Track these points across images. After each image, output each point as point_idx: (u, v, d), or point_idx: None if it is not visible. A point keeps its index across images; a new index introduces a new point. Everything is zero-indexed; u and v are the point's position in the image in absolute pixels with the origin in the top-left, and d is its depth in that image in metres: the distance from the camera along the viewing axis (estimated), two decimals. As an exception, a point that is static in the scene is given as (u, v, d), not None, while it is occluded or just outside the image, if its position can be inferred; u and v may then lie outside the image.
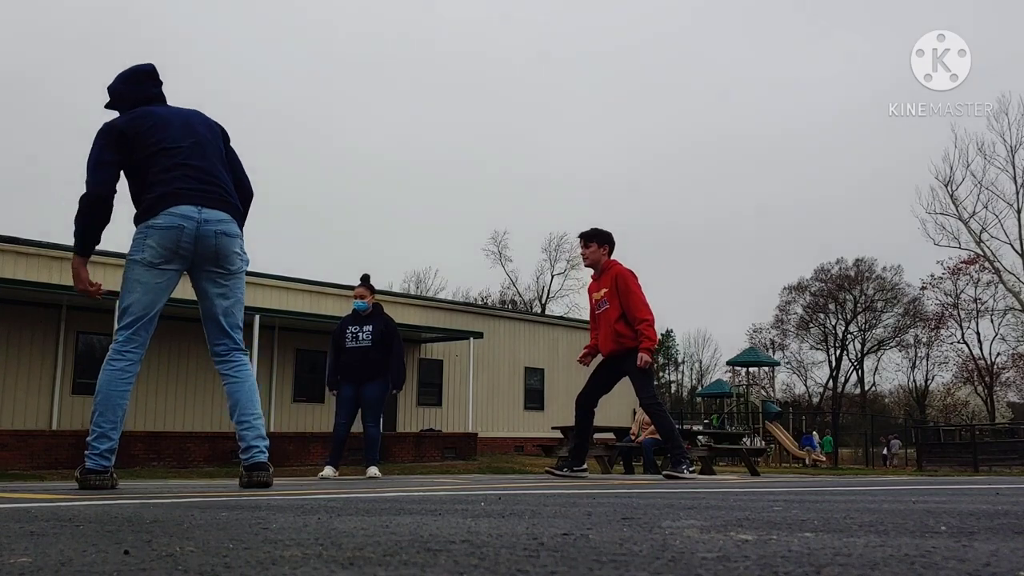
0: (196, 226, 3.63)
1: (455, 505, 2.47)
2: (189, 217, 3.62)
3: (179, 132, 3.78)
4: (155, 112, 3.85)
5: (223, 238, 3.72)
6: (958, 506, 2.39)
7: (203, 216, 3.65)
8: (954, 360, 49.46)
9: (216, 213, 3.70)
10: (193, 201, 3.65)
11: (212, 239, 3.68)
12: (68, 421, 16.69)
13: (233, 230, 3.78)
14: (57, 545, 1.37)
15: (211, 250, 3.70)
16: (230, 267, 3.80)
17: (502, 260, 53.39)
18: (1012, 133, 30.57)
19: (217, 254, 3.72)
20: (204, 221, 3.65)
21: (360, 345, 7.77)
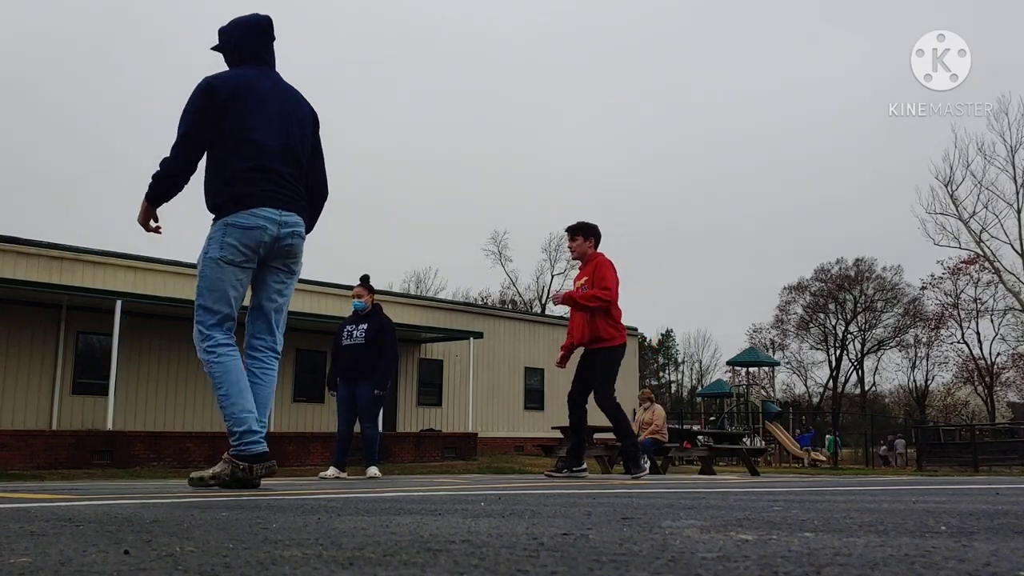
0: (277, 228, 3.66)
1: (455, 505, 2.47)
2: (272, 220, 3.63)
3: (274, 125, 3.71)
4: (259, 86, 3.73)
5: (297, 239, 3.76)
6: (958, 506, 2.39)
7: (283, 219, 3.67)
8: (954, 360, 49.53)
9: (294, 217, 3.73)
10: (275, 204, 3.65)
11: (288, 240, 3.71)
12: (68, 421, 16.69)
13: (303, 233, 3.81)
14: (57, 545, 1.37)
15: (284, 251, 3.73)
16: (295, 268, 3.84)
17: (502, 260, 53.48)
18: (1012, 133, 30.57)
19: (288, 254, 3.76)
20: (283, 224, 3.67)
21: (355, 343, 7.79)
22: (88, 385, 17.01)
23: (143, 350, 17.65)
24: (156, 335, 17.81)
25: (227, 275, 3.61)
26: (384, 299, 23.19)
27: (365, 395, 7.67)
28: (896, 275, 51.14)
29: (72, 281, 16.63)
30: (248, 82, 3.71)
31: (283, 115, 3.75)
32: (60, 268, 16.96)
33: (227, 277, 3.61)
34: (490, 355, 24.53)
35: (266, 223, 3.61)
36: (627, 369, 29.52)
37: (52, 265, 16.94)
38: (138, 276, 18.09)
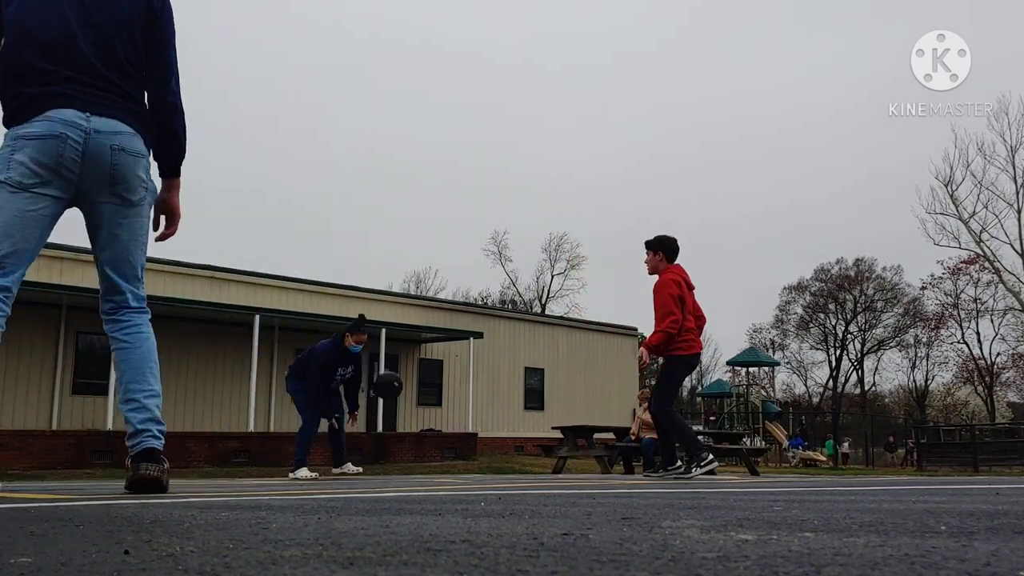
0: (84, 137, 2.77)
1: (455, 505, 2.47)
2: (74, 124, 2.76)
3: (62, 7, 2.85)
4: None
5: (121, 155, 2.83)
6: (958, 506, 2.39)
7: (92, 125, 2.79)
8: (954, 360, 49.54)
9: (111, 123, 2.82)
10: (78, 105, 2.79)
11: (107, 156, 2.81)
12: (68, 421, 16.70)
13: (136, 147, 2.88)
14: (57, 545, 1.37)
15: (105, 172, 2.82)
16: (131, 196, 2.90)
17: (502, 260, 53.42)
18: (1012, 133, 30.56)
19: (113, 177, 2.83)
20: (95, 131, 2.79)
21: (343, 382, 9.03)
22: (88, 385, 17.02)
23: (143, 350, 17.65)
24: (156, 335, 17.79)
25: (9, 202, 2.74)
26: (384, 299, 23.26)
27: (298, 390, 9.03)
28: (896, 275, 51.19)
29: (72, 281, 16.63)
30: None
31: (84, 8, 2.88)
32: (60, 268, 16.96)
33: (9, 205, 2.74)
34: (490, 355, 24.53)
35: (66, 129, 2.75)
36: (627, 369, 29.55)
37: (52, 265, 16.94)
38: (138, 276, 18.08)
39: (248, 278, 20.04)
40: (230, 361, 18.91)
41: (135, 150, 2.87)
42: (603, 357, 28.41)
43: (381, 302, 22.67)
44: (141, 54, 2.96)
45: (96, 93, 2.82)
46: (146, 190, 2.96)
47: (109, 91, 2.85)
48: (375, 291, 23.33)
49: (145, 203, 2.97)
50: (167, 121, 3.00)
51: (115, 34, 2.89)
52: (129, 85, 2.92)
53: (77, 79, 2.81)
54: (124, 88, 2.89)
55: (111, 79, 2.86)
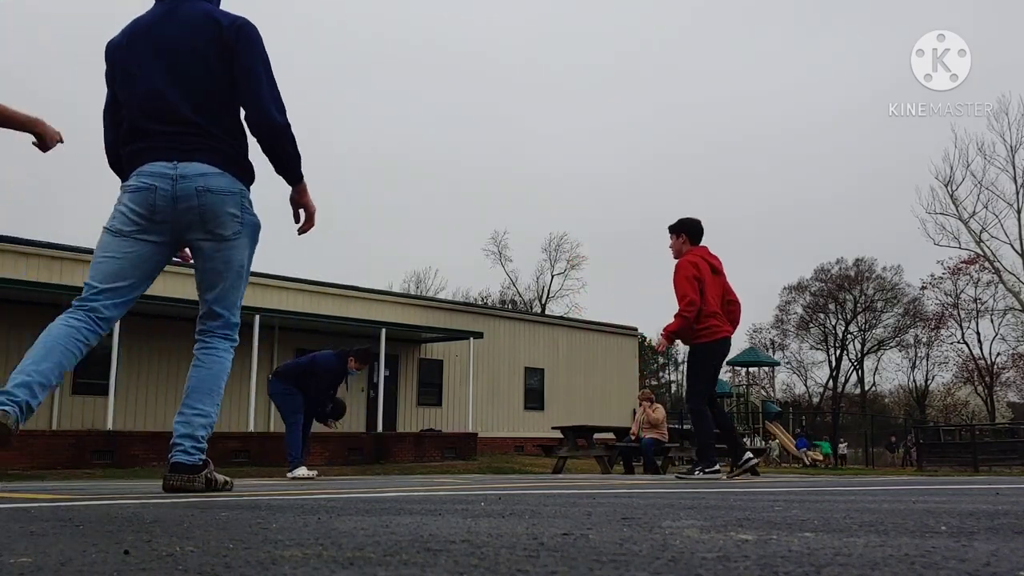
0: (172, 184, 2.98)
1: (455, 505, 2.47)
2: (163, 175, 2.99)
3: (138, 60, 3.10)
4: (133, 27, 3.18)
5: (207, 195, 3.00)
6: (958, 506, 2.39)
7: (179, 171, 2.99)
8: (954, 360, 49.55)
9: (197, 166, 3.01)
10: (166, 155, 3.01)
11: (194, 198, 2.99)
12: (68, 421, 16.69)
13: (222, 184, 3.03)
14: (57, 545, 1.37)
15: (195, 212, 3.01)
16: (223, 232, 3.07)
17: (502, 260, 53.44)
18: (1012, 133, 30.57)
19: (203, 216, 3.02)
20: (181, 177, 2.98)
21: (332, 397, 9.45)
22: (88, 385, 17.02)
23: (143, 350, 17.65)
24: (156, 335, 17.81)
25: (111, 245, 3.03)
26: (384, 299, 23.26)
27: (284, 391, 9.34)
28: (896, 275, 51.19)
29: (72, 281, 16.63)
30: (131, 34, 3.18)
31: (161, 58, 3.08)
32: (60, 268, 16.97)
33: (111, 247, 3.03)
34: (490, 355, 24.53)
35: (155, 181, 2.99)
36: (627, 369, 29.56)
37: (52, 265, 16.94)
38: (138, 276, 18.09)
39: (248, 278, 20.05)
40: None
41: (221, 188, 3.03)
42: (603, 357, 28.41)
43: (381, 302, 22.67)
44: (226, 88, 3.09)
45: (184, 141, 3.02)
46: (241, 224, 3.11)
47: (198, 135, 3.03)
48: (375, 291, 23.33)
49: (240, 237, 3.13)
50: (268, 139, 3.13)
51: (199, 80, 3.06)
52: (218, 126, 3.07)
53: (167, 132, 3.03)
54: (213, 130, 3.05)
55: (199, 124, 3.04)
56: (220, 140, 3.07)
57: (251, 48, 3.11)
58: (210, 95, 3.07)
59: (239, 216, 3.10)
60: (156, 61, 3.08)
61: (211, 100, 3.08)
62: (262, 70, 3.12)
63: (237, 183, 3.10)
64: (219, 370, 3.18)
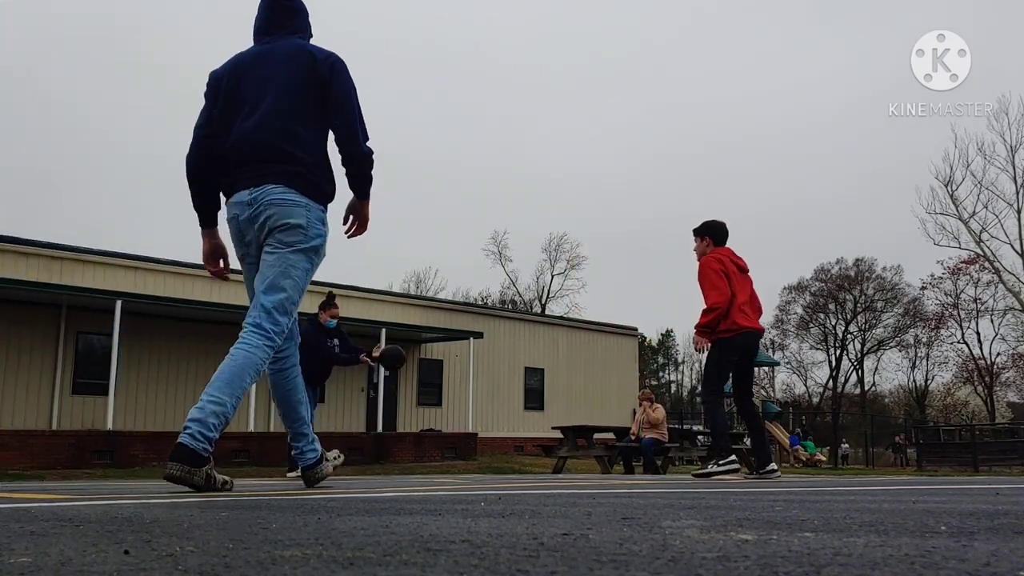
0: (249, 210, 3.33)
1: (455, 505, 2.47)
2: (242, 203, 3.35)
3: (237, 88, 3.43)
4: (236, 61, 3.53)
5: (275, 209, 3.29)
6: (958, 506, 2.39)
7: (254, 196, 3.32)
8: (954, 360, 49.53)
9: (268, 188, 3.30)
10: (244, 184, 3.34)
11: (265, 214, 3.30)
12: (68, 421, 16.69)
13: (290, 199, 3.30)
14: (57, 545, 1.37)
15: (265, 226, 3.32)
16: (287, 238, 3.31)
17: (502, 260, 53.47)
18: (1012, 133, 30.57)
19: (271, 229, 3.31)
20: (255, 201, 3.32)
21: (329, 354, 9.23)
22: (88, 385, 17.02)
23: (143, 350, 17.65)
24: (156, 335, 17.81)
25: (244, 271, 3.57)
26: (384, 299, 23.25)
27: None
28: (896, 275, 51.19)
29: (72, 281, 16.64)
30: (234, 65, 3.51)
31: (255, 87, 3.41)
32: (60, 268, 16.97)
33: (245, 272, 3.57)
34: (490, 355, 24.53)
35: (237, 211, 3.37)
36: (627, 369, 29.56)
37: (52, 265, 16.94)
38: (138, 276, 18.09)
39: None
40: (230, 361, 18.90)
41: (287, 201, 3.30)
42: (603, 357, 28.41)
43: (381, 302, 22.67)
44: (316, 116, 3.42)
45: (262, 168, 3.32)
46: (305, 236, 3.34)
47: (275, 161, 3.32)
48: (375, 291, 23.32)
49: (303, 247, 3.35)
50: (354, 164, 3.45)
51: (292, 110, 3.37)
52: (297, 149, 3.35)
53: (251, 162, 3.34)
54: (292, 153, 3.33)
55: (280, 149, 3.33)
56: (296, 163, 3.34)
57: (343, 81, 3.43)
58: (301, 124, 3.37)
59: (305, 229, 3.34)
60: (254, 93, 3.39)
61: (301, 128, 3.37)
62: (353, 102, 3.45)
63: (304, 198, 3.35)
64: (244, 362, 3.23)
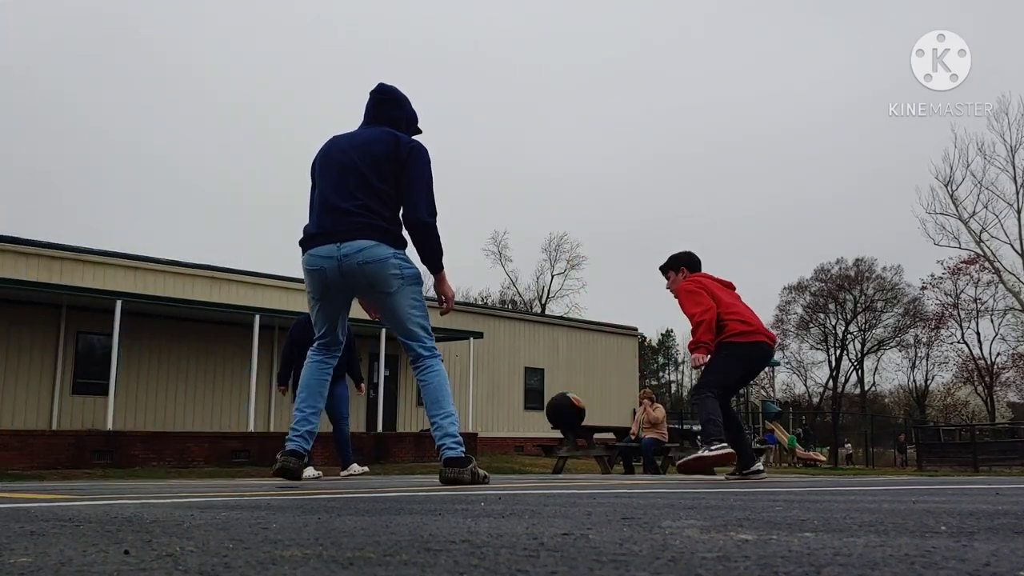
0: (337, 264, 3.83)
1: (455, 505, 2.47)
2: (329, 256, 3.84)
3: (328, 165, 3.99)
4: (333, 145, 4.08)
5: (368, 267, 3.83)
6: (958, 506, 2.39)
7: (342, 251, 3.81)
8: (954, 360, 49.51)
9: (357, 244, 3.81)
10: (331, 239, 3.84)
11: (358, 270, 3.83)
12: (68, 421, 16.69)
13: (380, 254, 3.84)
14: (57, 545, 1.37)
15: (362, 281, 3.87)
16: (388, 289, 3.90)
17: (502, 260, 53.51)
18: (1012, 133, 30.55)
19: (370, 283, 3.88)
20: (344, 256, 3.81)
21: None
22: (88, 385, 17.02)
23: (143, 350, 17.65)
24: (156, 335, 17.81)
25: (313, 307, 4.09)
26: (384, 299, 23.23)
27: (342, 393, 7.84)
28: (896, 275, 51.18)
29: (72, 281, 16.64)
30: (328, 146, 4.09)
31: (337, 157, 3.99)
32: (60, 268, 16.97)
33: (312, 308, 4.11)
34: (490, 355, 24.53)
35: (323, 263, 3.86)
36: (627, 369, 29.56)
37: (52, 265, 16.94)
38: (138, 276, 18.10)
39: (248, 278, 20.05)
40: (230, 361, 18.91)
41: (378, 257, 3.82)
42: (603, 357, 28.41)
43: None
44: (392, 185, 3.94)
45: (348, 223, 3.83)
46: (402, 279, 3.91)
47: (361, 215, 3.83)
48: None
49: (405, 286, 3.93)
50: (418, 235, 4.00)
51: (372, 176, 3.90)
52: (379, 205, 3.88)
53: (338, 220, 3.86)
54: (375, 208, 3.86)
55: (365, 205, 3.85)
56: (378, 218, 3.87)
57: (421, 165, 4.00)
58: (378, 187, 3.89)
59: (400, 274, 3.90)
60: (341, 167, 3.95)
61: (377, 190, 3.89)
62: (424, 183, 3.99)
63: (392, 248, 3.88)
64: (440, 380, 4.03)
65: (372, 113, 4.21)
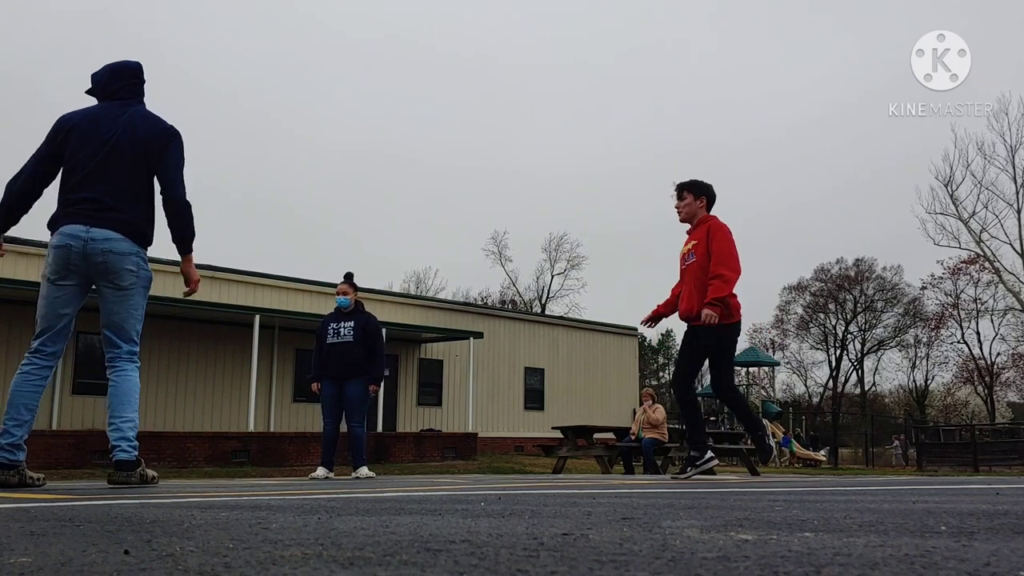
0: (83, 244, 3.86)
1: (455, 505, 2.47)
2: (77, 236, 3.87)
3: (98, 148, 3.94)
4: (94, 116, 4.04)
5: (110, 256, 3.90)
6: (958, 506, 2.39)
7: (90, 235, 3.87)
8: (954, 360, 49.48)
9: (104, 232, 3.88)
10: (81, 220, 3.88)
11: (99, 256, 3.88)
12: (68, 421, 16.69)
13: (122, 247, 3.92)
14: (57, 545, 1.37)
15: (100, 267, 3.90)
16: (121, 283, 3.97)
17: (502, 260, 53.36)
18: (1012, 133, 30.53)
19: (107, 271, 3.92)
20: (91, 240, 3.86)
21: (342, 341, 7.68)
22: (88, 385, 17.01)
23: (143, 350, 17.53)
24: (156, 335, 17.81)
25: (46, 291, 3.98)
26: (384, 299, 23.24)
27: (355, 394, 7.66)
28: (896, 275, 51.14)
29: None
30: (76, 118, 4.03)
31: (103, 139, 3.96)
32: (60, 268, 16.97)
33: (46, 293, 3.98)
34: (490, 355, 24.52)
35: (70, 240, 3.85)
36: (627, 369, 29.56)
37: (52, 265, 16.93)
38: (138, 276, 18.09)
39: (248, 278, 20.05)
40: (230, 361, 18.91)
41: (121, 250, 3.92)
42: (603, 357, 28.41)
43: (381, 302, 22.66)
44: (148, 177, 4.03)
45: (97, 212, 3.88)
46: (137, 278, 4.01)
47: (110, 209, 3.90)
48: (375, 291, 23.32)
49: (136, 287, 4.03)
50: (171, 215, 4.06)
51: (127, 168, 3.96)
52: (129, 203, 3.96)
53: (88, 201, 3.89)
54: (124, 206, 3.93)
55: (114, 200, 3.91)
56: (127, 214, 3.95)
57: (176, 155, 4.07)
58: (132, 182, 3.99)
59: (136, 272, 4.00)
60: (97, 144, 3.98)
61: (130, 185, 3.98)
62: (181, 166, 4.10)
63: (135, 247, 3.98)
64: (131, 385, 4.06)
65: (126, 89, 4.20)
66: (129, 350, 4.09)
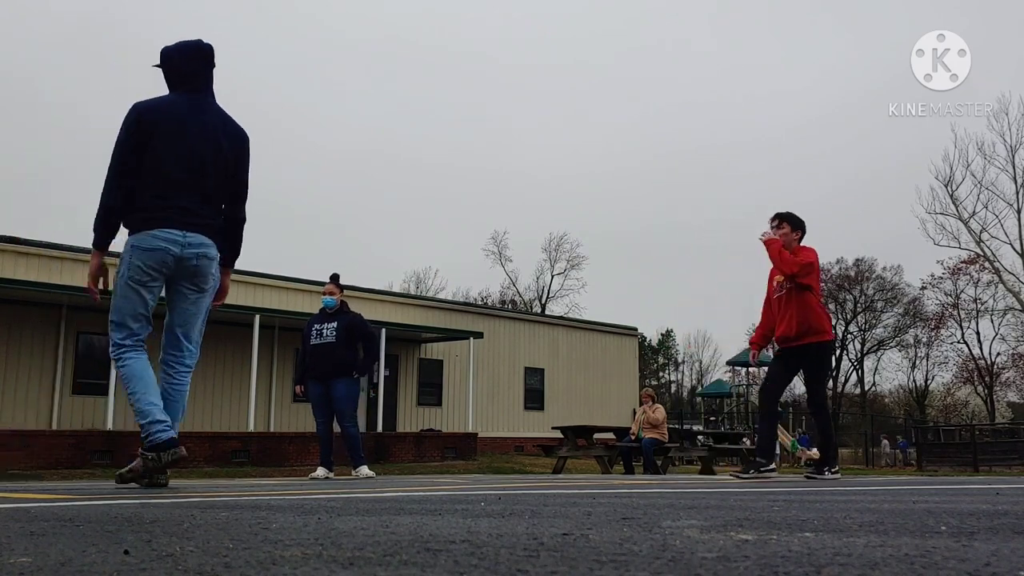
0: (180, 250, 3.94)
1: (455, 505, 2.47)
2: (175, 242, 3.93)
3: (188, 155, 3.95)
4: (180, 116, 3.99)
5: (204, 260, 4.02)
6: (958, 506, 2.39)
7: (187, 240, 3.95)
8: (954, 360, 49.49)
9: (199, 238, 3.99)
10: (179, 226, 3.93)
11: (194, 260, 3.98)
12: (68, 421, 16.69)
13: (212, 253, 4.05)
14: (57, 545, 1.37)
15: (190, 271, 4.01)
16: (204, 286, 4.10)
17: (502, 260, 53.38)
18: (1012, 133, 30.55)
19: (196, 274, 4.03)
20: (188, 245, 3.95)
21: (325, 342, 7.71)
22: (88, 385, 17.01)
23: (143, 350, 17.63)
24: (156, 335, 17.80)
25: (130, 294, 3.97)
26: (384, 299, 23.25)
27: (342, 393, 7.64)
28: (896, 275, 51.17)
29: (72, 281, 16.62)
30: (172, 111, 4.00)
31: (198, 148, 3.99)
32: (60, 268, 16.96)
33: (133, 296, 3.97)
34: (490, 355, 24.52)
35: (169, 245, 3.91)
36: (627, 369, 29.55)
37: (52, 265, 16.93)
38: (138, 276, 18.08)
39: (248, 278, 20.04)
40: (230, 361, 18.91)
41: (213, 256, 4.07)
42: (603, 357, 28.41)
43: (381, 302, 22.67)
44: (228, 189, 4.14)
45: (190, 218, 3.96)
46: (215, 282, 4.17)
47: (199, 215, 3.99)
48: (375, 291, 23.32)
49: (211, 291, 4.18)
50: (232, 231, 4.21)
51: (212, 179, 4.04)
52: (214, 210, 4.09)
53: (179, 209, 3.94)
54: (210, 212, 4.06)
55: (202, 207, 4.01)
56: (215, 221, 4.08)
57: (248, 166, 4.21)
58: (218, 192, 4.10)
59: (216, 277, 4.16)
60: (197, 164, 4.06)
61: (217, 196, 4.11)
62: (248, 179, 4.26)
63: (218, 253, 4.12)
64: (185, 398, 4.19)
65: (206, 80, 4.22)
66: (190, 352, 4.17)
